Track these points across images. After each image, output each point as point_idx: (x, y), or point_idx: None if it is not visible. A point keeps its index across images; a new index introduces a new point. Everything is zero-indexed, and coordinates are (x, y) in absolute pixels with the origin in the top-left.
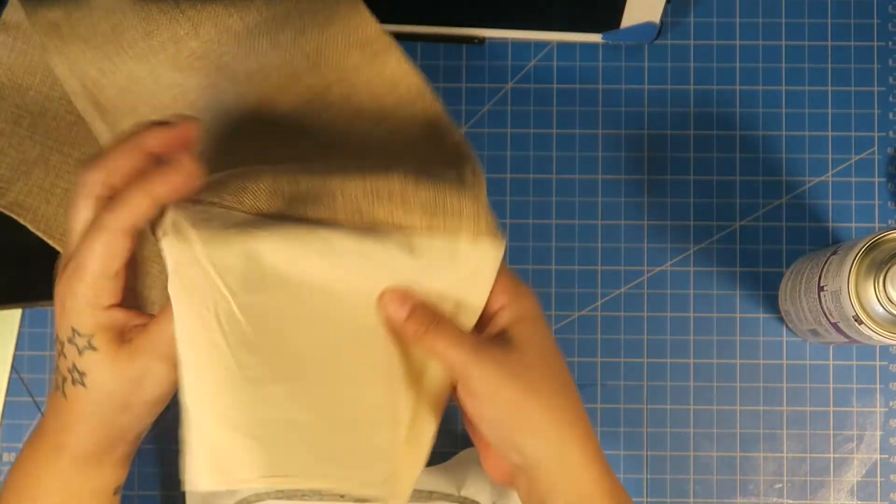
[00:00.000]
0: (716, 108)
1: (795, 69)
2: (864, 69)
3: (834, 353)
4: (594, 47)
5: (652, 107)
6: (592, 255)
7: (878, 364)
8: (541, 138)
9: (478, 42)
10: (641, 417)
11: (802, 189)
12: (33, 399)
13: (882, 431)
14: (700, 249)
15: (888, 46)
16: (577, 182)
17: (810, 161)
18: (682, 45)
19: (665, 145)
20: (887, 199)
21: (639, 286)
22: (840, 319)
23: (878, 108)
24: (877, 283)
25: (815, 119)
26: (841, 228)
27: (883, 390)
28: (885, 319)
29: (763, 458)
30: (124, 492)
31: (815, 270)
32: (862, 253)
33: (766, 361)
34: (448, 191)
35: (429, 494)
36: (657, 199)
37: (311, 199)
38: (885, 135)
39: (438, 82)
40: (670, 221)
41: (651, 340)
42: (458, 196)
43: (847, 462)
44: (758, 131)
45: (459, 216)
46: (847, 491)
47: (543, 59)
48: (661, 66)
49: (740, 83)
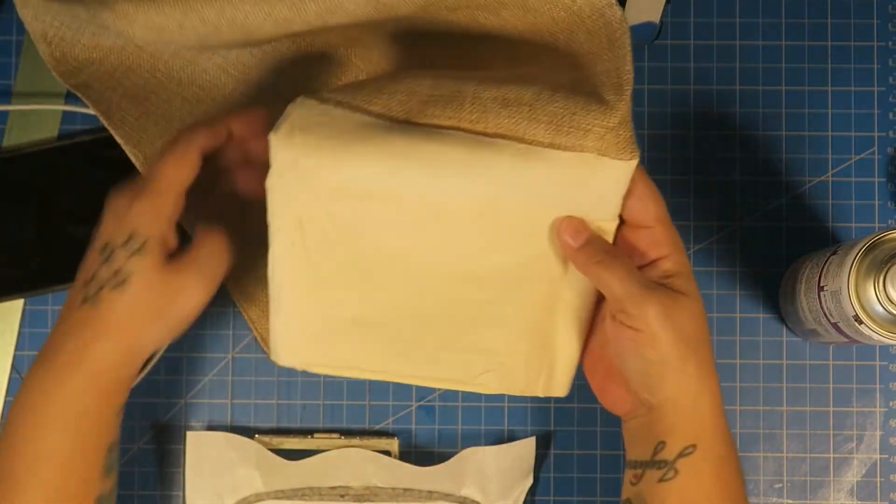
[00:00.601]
0: (716, 108)
1: (795, 69)
2: (864, 69)
3: (834, 353)
4: None
5: (652, 107)
6: None
7: (878, 364)
8: None
9: None
10: None
11: (802, 189)
12: None
13: (882, 431)
14: (700, 249)
15: (888, 46)
16: None
17: (810, 161)
18: (682, 45)
19: (665, 145)
20: (887, 199)
21: None
22: (840, 319)
23: (878, 108)
24: (877, 283)
25: (815, 119)
26: (841, 228)
27: (883, 390)
28: (885, 319)
29: (763, 458)
30: (124, 492)
31: (815, 270)
32: (862, 253)
33: (766, 361)
34: (578, 107)
35: (429, 494)
36: None
37: (441, 101)
38: (885, 135)
39: None
40: None
41: None
42: (587, 113)
43: (847, 462)
44: (758, 131)
45: (585, 133)
46: (847, 491)
47: None
48: (661, 66)
49: (740, 83)
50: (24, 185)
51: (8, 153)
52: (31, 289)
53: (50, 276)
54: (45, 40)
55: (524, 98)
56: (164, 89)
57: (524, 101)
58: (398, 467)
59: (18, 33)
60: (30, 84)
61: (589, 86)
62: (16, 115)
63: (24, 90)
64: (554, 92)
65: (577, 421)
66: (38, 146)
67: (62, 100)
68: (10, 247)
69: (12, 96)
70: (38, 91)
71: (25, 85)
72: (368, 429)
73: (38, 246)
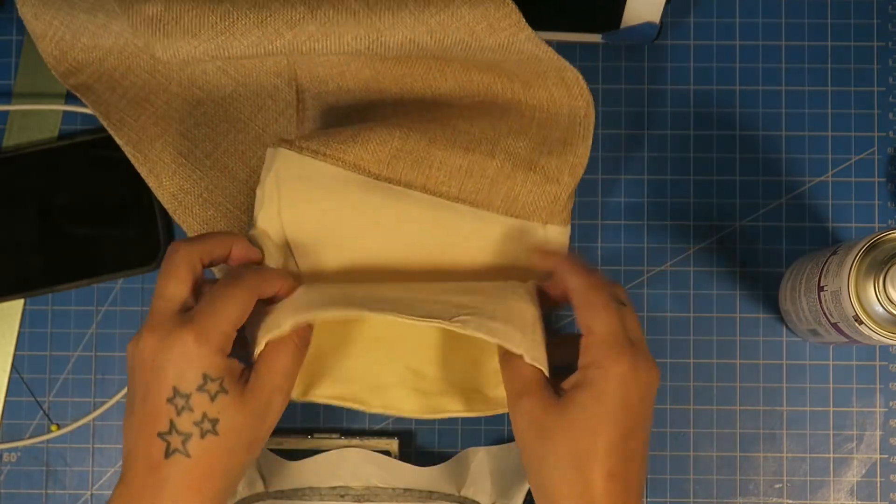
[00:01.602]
0: (716, 108)
1: (795, 69)
2: (864, 69)
3: (834, 353)
4: (594, 47)
5: (652, 107)
6: (592, 255)
7: (878, 364)
8: None
9: None
10: None
11: (802, 189)
12: (35, 398)
13: (882, 431)
14: (700, 249)
15: (888, 46)
16: None
17: (810, 161)
18: (682, 45)
19: (665, 145)
20: (887, 199)
21: (639, 286)
22: (840, 319)
23: (878, 108)
24: (877, 283)
25: (815, 119)
26: (841, 228)
27: (883, 390)
28: (885, 319)
29: (763, 458)
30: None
31: (815, 270)
32: (862, 253)
33: (766, 361)
34: (536, 185)
35: (429, 494)
36: (657, 199)
37: (411, 160)
38: (885, 135)
39: None
40: (670, 221)
41: (651, 340)
42: (541, 193)
43: (847, 462)
44: (758, 131)
45: (536, 209)
46: (847, 491)
47: None
48: (661, 66)
49: (740, 83)
50: (24, 185)
51: (8, 153)
52: (31, 289)
53: (50, 276)
54: (45, 39)
55: (487, 171)
56: (164, 90)
57: (487, 175)
58: (398, 467)
59: (18, 33)
60: (30, 84)
61: (545, 156)
62: (16, 115)
63: (24, 90)
64: (514, 167)
65: None
66: (38, 146)
67: (62, 100)
68: (10, 247)
69: (12, 96)
70: (38, 91)
71: (25, 85)
72: (368, 429)
73: (38, 246)
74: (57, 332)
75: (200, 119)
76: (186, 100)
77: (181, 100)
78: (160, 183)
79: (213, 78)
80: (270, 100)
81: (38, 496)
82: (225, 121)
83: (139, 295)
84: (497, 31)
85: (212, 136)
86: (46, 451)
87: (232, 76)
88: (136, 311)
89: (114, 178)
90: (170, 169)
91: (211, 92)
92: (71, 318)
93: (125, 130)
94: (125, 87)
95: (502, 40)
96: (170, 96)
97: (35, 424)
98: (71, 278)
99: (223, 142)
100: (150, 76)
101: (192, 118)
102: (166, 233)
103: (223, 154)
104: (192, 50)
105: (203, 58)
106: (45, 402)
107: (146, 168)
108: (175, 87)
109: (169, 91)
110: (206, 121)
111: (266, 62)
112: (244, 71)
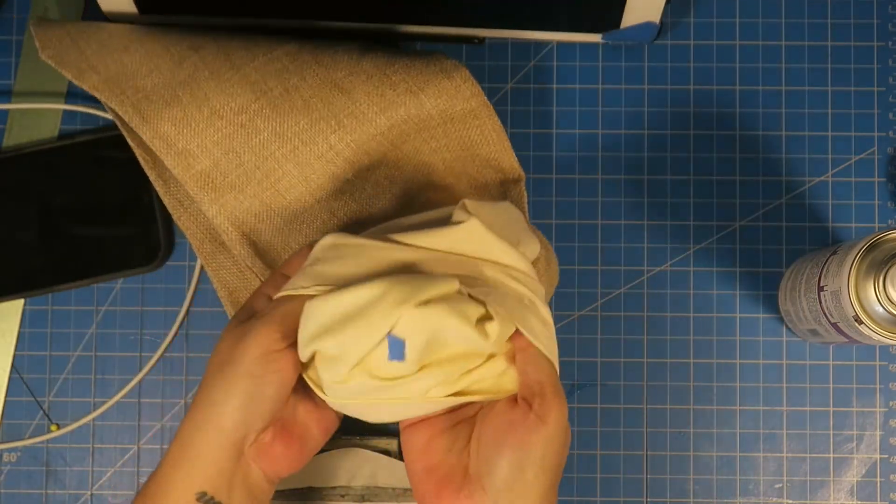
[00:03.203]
0: (716, 108)
1: (795, 69)
2: (864, 69)
3: (834, 353)
4: (594, 47)
5: (652, 107)
6: (592, 255)
7: (878, 364)
8: (541, 138)
9: (478, 42)
10: (641, 417)
11: (802, 189)
12: (35, 398)
13: (882, 431)
14: (700, 249)
15: (888, 46)
16: (576, 182)
17: (810, 161)
18: (682, 45)
19: (665, 145)
20: (887, 199)
21: (639, 286)
22: (840, 319)
23: (878, 108)
24: (877, 283)
25: (815, 119)
26: (841, 228)
27: (883, 390)
28: (885, 319)
29: (763, 458)
30: (126, 491)
31: (815, 270)
32: (862, 253)
33: (766, 361)
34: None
35: None
36: (657, 199)
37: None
38: (885, 135)
39: None
40: (670, 221)
41: (651, 340)
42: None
43: (847, 462)
44: (758, 131)
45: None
46: (847, 491)
47: (543, 59)
48: (661, 66)
49: (740, 83)
50: (24, 185)
51: (8, 153)
52: (31, 289)
53: (50, 276)
54: (69, 68)
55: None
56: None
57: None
58: (398, 467)
59: (18, 33)
60: (30, 84)
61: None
62: (16, 114)
63: (24, 90)
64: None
65: (577, 421)
66: (38, 146)
67: (62, 100)
68: (10, 247)
69: (12, 96)
70: (38, 91)
71: (25, 85)
72: (368, 429)
73: (38, 246)
74: (57, 332)
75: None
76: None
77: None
78: (167, 188)
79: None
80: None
81: (38, 496)
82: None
83: (139, 295)
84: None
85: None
86: (46, 451)
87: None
88: (136, 311)
89: (114, 178)
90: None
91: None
92: (71, 318)
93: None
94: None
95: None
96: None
97: (35, 424)
98: (71, 278)
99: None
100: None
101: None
102: (166, 233)
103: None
104: (236, 204)
105: (248, 212)
106: (45, 402)
107: (155, 172)
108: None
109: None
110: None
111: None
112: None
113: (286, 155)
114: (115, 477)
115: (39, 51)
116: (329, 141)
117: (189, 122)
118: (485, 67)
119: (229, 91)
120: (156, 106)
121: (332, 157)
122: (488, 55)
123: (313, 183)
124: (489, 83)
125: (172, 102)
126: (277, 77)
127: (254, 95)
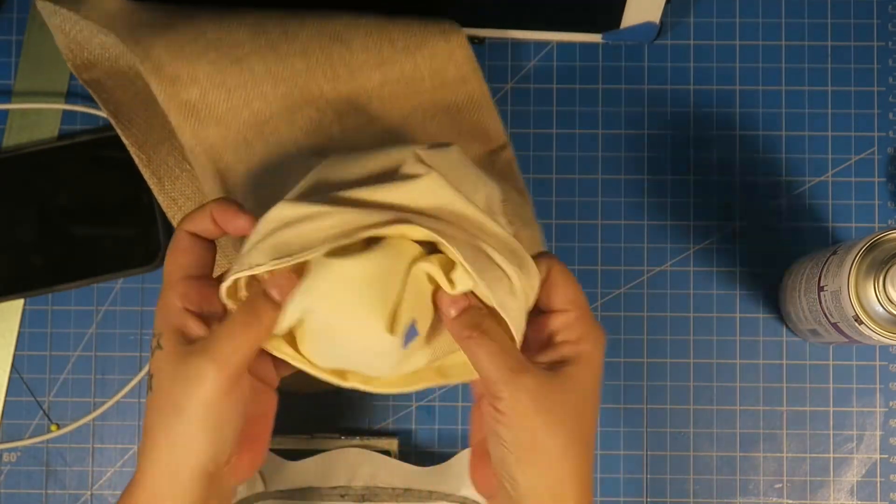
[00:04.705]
0: (716, 108)
1: (795, 69)
2: (864, 69)
3: (834, 353)
4: (594, 47)
5: (652, 107)
6: (592, 255)
7: (878, 364)
8: (541, 138)
9: (478, 42)
10: (641, 417)
11: (802, 189)
12: (35, 398)
13: (882, 431)
14: (700, 249)
15: (888, 46)
16: (577, 182)
17: (810, 161)
18: (682, 45)
19: (665, 145)
20: (887, 199)
21: (639, 286)
22: (840, 319)
23: (878, 108)
24: (877, 283)
25: (815, 119)
26: (841, 228)
27: (883, 390)
28: (885, 319)
29: (763, 458)
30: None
31: (815, 270)
32: (862, 253)
33: (766, 361)
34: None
35: (429, 494)
36: (657, 199)
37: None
38: (885, 135)
39: None
40: (670, 221)
41: (651, 340)
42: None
43: (847, 462)
44: (758, 131)
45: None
46: (847, 491)
47: (543, 59)
48: (661, 66)
49: (740, 83)
50: (24, 185)
51: (8, 153)
52: (31, 289)
53: (50, 276)
54: (62, 32)
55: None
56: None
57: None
58: (398, 467)
59: (18, 33)
60: (30, 84)
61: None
62: (16, 114)
63: (24, 90)
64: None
65: None
66: (38, 146)
67: (62, 100)
68: (10, 247)
69: (12, 96)
70: (38, 91)
71: (25, 85)
72: (368, 429)
73: (38, 246)
74: (57, 332)
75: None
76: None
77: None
78: (162, 186)
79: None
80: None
81: (38, 496)
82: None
83: (139, 295)
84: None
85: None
86: (46, 451)
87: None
88: (136, 311)
89: (114, 178)
90: (173, 173)
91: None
92: (71, 318)
93: (133, 131)
94: (139, 86)
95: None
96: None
97: (35, 424)
98: (71, 278)
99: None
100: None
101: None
102: (166, 233)
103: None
104: (220, 140)
105: (228, 149)
106: (45, 402)
107: (149, 170)
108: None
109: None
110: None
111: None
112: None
113: (277, 97)
114: (115, 477)
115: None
116: (322, 88)
117: (182, 48)
118: (485, 67)
119: (227, 28)
120: (151, 30)
121: (323, 106)
122: (488, 55)
123: (298, 130)
124: (489, 83)
125: (168, 30)
126: (277, 21)
127: (252, 33)
